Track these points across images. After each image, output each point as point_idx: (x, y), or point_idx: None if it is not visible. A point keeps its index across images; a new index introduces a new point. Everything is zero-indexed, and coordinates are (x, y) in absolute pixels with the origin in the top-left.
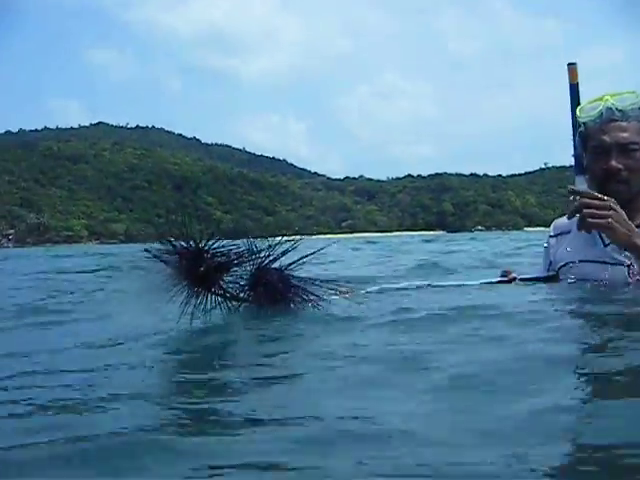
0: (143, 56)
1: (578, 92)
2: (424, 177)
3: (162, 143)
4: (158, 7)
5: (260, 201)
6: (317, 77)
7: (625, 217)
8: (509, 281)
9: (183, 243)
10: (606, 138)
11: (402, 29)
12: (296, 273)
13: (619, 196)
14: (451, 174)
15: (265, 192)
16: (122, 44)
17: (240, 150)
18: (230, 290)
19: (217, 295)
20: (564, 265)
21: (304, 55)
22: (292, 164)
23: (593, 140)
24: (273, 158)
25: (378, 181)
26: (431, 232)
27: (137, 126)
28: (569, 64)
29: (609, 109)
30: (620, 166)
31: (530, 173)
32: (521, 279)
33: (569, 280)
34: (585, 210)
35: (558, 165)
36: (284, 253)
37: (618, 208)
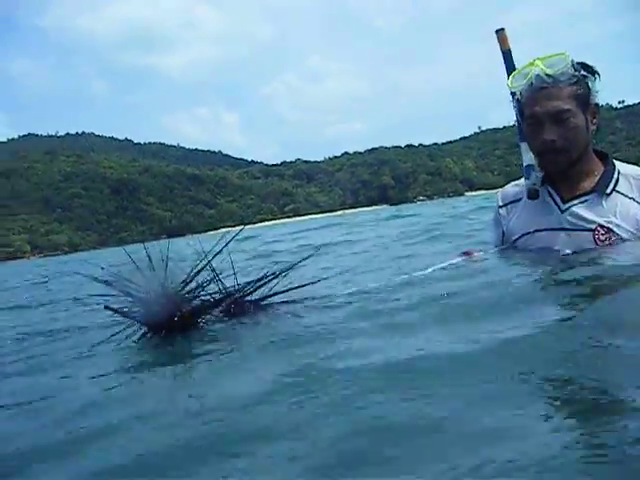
0: (64, 62)
1: (512, 58)
2: (361, 153)
3: (94, 148)
4: (72, 10)
5: (200, 195)
6: (243, 65)
7: None
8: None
9: (152, 294)
10: (537, 109)
11: (322, 9)
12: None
13: (558, 166)
14: (387, 147)
15: (204, 186)
16: (41, 52)
17: (174, 146)
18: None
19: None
20: (520, 237)
21: (227, 44)
22: (228, 155)
23: (526, 110)
24: (208, 151)
25: (315, 162)
26: (375, 207)
27: (67, 133)
28: (497, 30)
29: (538, 76)
30: (553, 137)
31: (465, 138)
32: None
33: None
34: None
35: (492, 127)
36: (261, 285)
37: None
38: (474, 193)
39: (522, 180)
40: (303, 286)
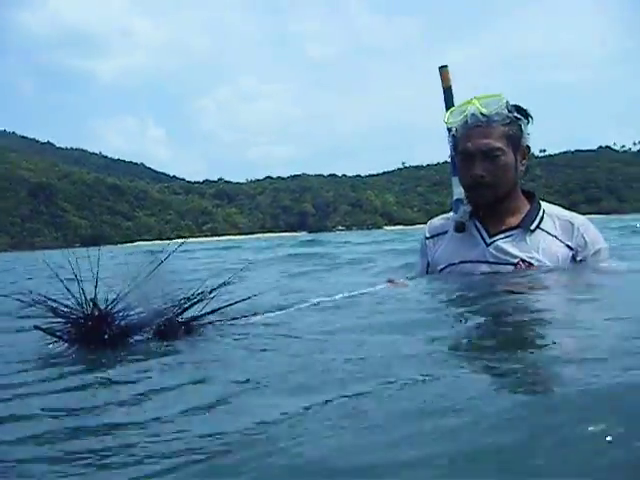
0: None
1: (452, 95)
2: (284, 178)
3: (15, 148)
4: (8, 3)
5: (119, 206)
6: (175, 78)
7: None
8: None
9: (80, 313)
10: (470, 145)
11: (261, 30)
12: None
13: (484, 200)
14: (310, 175)
15: (124, 197)
16: None
17: (97, 154)
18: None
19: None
20: (445, 267)
21: (162, 55)
22: (150, 168)
23: (460, 146)
24: (131, 162)
25: (238, 183)
26: (292, 233)
27: None
28: (440, 67)
29: (473, 115)
30: (483, 173)
31: (388, 173)
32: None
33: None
34: None
35: (415, 164)
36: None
37: None
38: (393, 227)
39: (450, 213)
40: (232, 304)
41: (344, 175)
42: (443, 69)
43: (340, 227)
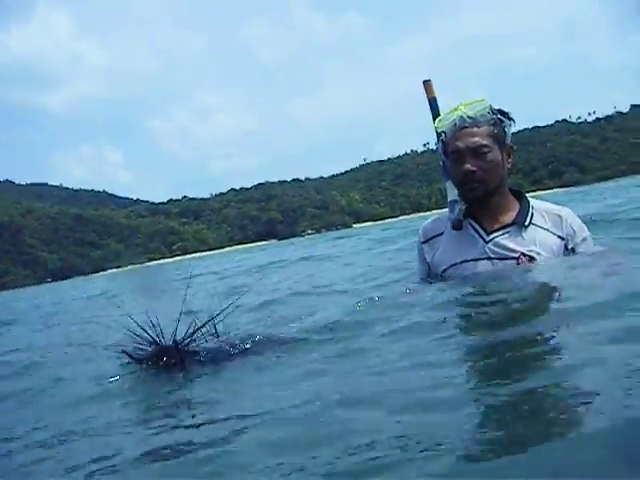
0: None
1: (437, 105)
2: (248, 189)
3: None
4: None
5: (86, 236)
6: (129, 103)
7: None
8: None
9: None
10: (459, 144)
11: (209, 44)
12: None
13: (476, 194)
14: (274, 182)
15: (89, 226)
16: None
17: (57, 187)
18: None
19: None
20: (448, 267)
21: (112, 81)
22: (113, 194)
23: (450, 147)
24: (92, 190)
25: (202, 199)
26: (262, 242)
27: None
28: (424, 81)
29: (461, 117)
30: (474, 168)
31: (351, 171)
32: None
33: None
34: None
35: (377, 159)
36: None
37: None
38: (362, 225)
39: (441, 215)
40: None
41: (307, 178)
42: (427, 82)
43: (309, 231)
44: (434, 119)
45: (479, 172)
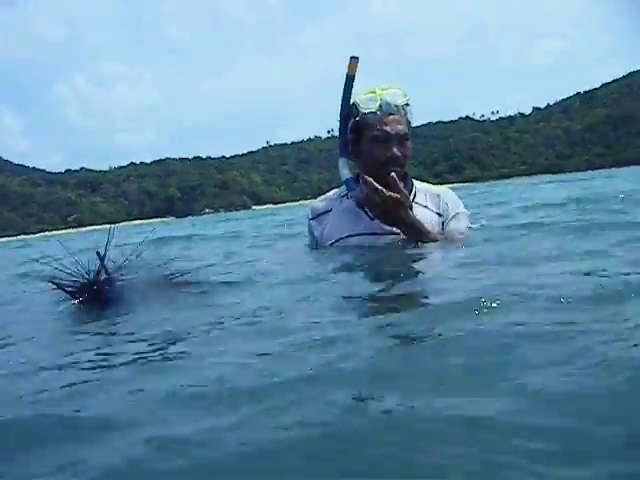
0: None
1: (352, 83)
2: (148, 164)
3: None
4: None
5: None
6: (30, 67)
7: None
8: None
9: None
10: (388, 129)
11: (117, 15)
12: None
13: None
14: (174, 159)
15: None
16: None
17: None
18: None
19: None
20: (335, 241)
21: (14, 44)
22: (8, 160)
23: (374, 130)
24: None
25: (101, 171)
26: (162, 219)
27: None
28: (352, 57)
29: (388, 104)
30: (399, 154)
31: (253, 153)
32: None
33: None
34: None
35: (280, 143)
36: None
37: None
38: (261, 207)
39: (329, 194)
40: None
41: (209, 157)
42: (354, 59)
43: (207, 210)
44: (345, 97)
45: (401, 158)
